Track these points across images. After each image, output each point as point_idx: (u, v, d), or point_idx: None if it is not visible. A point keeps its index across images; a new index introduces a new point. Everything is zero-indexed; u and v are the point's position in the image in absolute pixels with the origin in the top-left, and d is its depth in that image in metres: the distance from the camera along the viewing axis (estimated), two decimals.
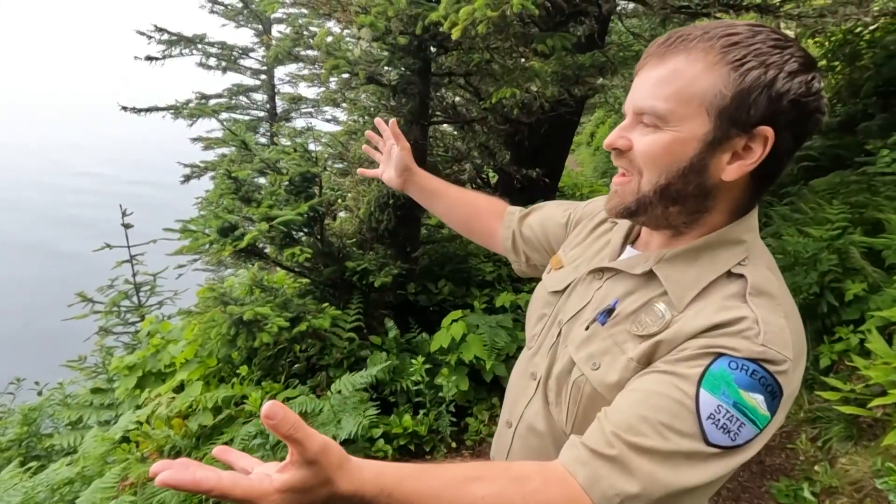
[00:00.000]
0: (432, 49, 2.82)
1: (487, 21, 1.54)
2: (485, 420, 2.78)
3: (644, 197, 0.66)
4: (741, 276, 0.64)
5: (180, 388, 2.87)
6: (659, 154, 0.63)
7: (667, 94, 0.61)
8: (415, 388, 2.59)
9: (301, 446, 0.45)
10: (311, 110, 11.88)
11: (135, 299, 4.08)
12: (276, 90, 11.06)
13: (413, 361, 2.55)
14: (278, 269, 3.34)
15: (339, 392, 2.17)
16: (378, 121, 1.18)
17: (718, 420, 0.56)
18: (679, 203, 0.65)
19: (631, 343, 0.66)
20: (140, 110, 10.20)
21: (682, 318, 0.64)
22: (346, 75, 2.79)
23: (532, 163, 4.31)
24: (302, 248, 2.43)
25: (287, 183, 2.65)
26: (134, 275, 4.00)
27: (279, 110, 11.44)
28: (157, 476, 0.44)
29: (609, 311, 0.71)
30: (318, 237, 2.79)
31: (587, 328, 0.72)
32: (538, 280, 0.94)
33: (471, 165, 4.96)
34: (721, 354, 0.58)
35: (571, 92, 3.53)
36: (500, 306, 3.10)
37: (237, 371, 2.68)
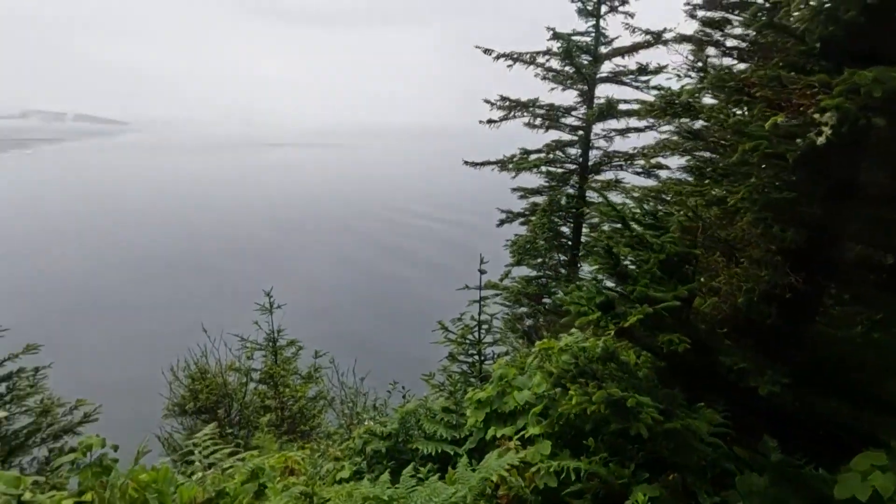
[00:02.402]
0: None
1: None
2: None
3: None
4: None
5: (524, 435, 3.08)
6: None
7: None
8: None
9: None
10: (622, 163, 11.89)
11: (476, 334, 4.73)
12: (590, 144, 11.51)
13: None
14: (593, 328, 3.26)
15: None
16: None
17: None
18: None
19: None
20: (476, 164, 12.20)
21: None
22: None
23: None
24: (680, 336, 2.26)
25: (662, 261, 2.55)
26: (480, 314, 4.66)
27: (590, 163, 11.85)
28: None
29: None
30: (685, 321, 2.58)
31: None
32: None
33: (856, 244, 3.88)
34: None
35: None
36: None
37: (584, 441, 2.68)
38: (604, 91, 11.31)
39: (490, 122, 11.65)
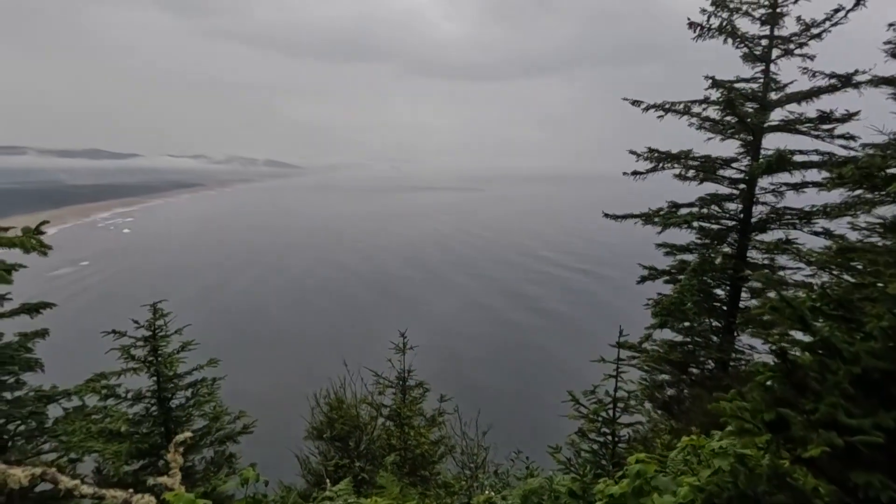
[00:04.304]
0: None
1: None
2: None
3: None
4: None
5: None
6: None
7: None
8: None
9: None
10: (795, 221, 10.29)
11: (610, 412, 4.35)
12: (755, 199, 10.20)
13: None
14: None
15: None
16: None
17: None
18: None
19: None
20: (617, 217, 11.61)
21: None
22: None
23: None
24: (883, 479, 1.79)
25: (856, 375, 2.09)
26: (616, 390, 4.27)
27: (754, 220, 10.46)
28: None
29: None
30: (891, 459, 2.05)
31: None
32: None
33: None
34: None
35: None
36: None
37: None
38: (773, 141, 10.05)
39: (636, 173, 11.06)
